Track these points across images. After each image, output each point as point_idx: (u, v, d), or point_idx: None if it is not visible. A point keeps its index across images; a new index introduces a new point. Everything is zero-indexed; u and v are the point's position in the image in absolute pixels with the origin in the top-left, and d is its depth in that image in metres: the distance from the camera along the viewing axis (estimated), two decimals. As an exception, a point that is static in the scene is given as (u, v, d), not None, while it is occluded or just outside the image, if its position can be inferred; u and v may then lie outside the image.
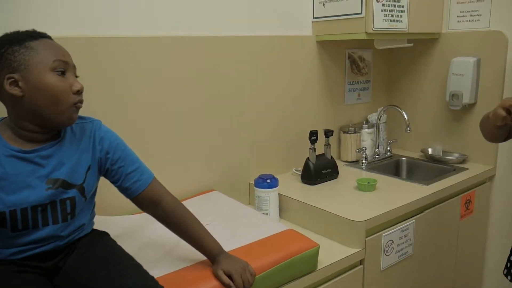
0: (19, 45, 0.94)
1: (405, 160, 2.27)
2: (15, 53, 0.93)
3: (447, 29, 2.17)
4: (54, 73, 0.95)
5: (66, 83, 0.97)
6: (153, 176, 1.15)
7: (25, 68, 0.93)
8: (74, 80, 0.99)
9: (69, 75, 0.99)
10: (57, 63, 0.96)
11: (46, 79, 0.94)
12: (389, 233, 1.59)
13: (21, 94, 0.94)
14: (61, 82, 0.96)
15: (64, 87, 0.96)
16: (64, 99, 0.97)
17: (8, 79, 0.93)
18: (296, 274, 1.31)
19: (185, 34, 1.64)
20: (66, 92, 0.97)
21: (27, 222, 0.97)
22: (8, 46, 0.94)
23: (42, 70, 0.94)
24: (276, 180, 1.71)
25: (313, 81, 2.09)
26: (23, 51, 0.94)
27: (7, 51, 0.93)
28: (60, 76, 0.96)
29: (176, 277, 1.13)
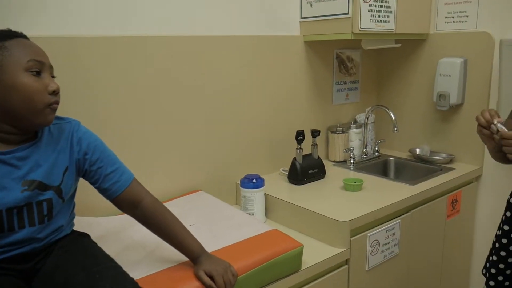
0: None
1: (393, 160, 2.27)
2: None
3: (434, 30, 2.18)
4: (28, 73, 0.94)
5: (41, 84, 0.96)
6: (133, 177, 1.14)
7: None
8: (49, 80, 0.98)
9: (44, 75, 0.97)
10: (32, 63, 0.94)
11: (20, 79, 0.93)
12: (374, 233, 1.59)
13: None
14: (36, 83, 0.95)
15: (38, 87, 0.95)
16: (39, 100, 0.95)
17: None
18: (280, 274, 1.30)
19: (170, 34, 1.63)
20: (41, 93, 0.95)
21: (2, 224, 0.96)
22: None
23: (16, 70, 0.92)
24: (262, 180, 1.70)
25: (301, 81, 2.09)
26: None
27: None
28: (34, 76, 0.95)
29: (156, 279, 1.12)
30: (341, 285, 1.53)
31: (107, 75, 1.49)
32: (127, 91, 1.55)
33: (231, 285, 1.13)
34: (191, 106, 1.72)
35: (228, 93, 1.82)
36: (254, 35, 1.87)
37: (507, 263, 1.47)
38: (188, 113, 1.72)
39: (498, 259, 1.48)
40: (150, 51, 1.58)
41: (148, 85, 1.59)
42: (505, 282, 1.49)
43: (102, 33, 1.48)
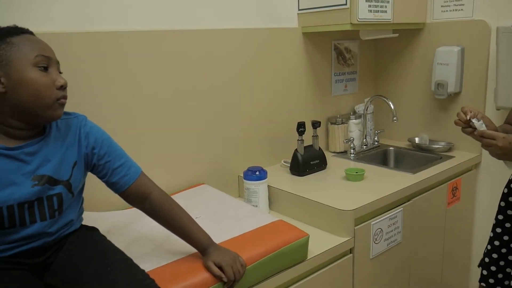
0: (0, 41, 0.93)
1: (393, 150, 2.29)
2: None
3: (431, 19, 2.19)
4: (36, 69, 0.94)
5: (49, 79, 0.96)
6: (141, 171, 1.15)
7: (6, 64, 0.92)
8: (57, 76, 0.98)
9: (52, 70, 0.97)
10: (39, 59, 0.95)
11: (28, 75, 0.93)
12: (377, 222, 1.61)
13: (3, 90, 0.93)
14: (44, 78, 0.95)
15: (46, 82, 0.95)
16: (47, 95, 0.95)
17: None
18: (286, 264, 1.32)
19: (169, 28, 1.63)
20: (49, 87, 0.96)
21: (14, 219, 0.96)
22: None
23: (24, 65, 0.93)
24: (265, 172, 1.71)
25: (300, 73, 2.10)
26: (4, 46, 0.92)
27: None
28: (42, 72, 0.95)
29: (166, 270, 1.13)
30: (346, 273, 1.55)
31: (108, 70, 1.49)
32: (128, 86, 1.55)
33: (240, 275, 1.14)
34: (191, 100, 1.72)
35: (228, 86, 1.82)
36: (252, 27, 1.87)
37: (501, 253, 1.49)
38: (189, 107, 1.72)
39: (492, 248, 1.51)
40: (149, 46, 1.57)
41: (149, 79, 1.60)
42: (499, 274, 1.51)
43: (100, 28, 1.48)
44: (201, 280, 1.11)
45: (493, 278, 1.52)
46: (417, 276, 1.89)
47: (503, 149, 1.25)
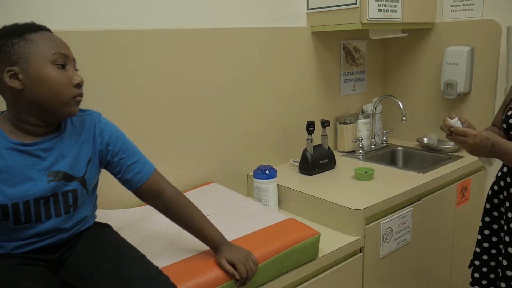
0: (19, 37, 0.93)
1: (401, 150, 2.29)
2: (14, 45, 0.92)
3: (440, 19, 2.18)
4: (54, 66, 0.95)
5: (66, 76, 0.97)
6: (154, 168, 1.15)
7: (24, 61, 0.93)
8: (74, 73, 0.99)
9: (69, 68, 0.98)
10: (57, 56, 0.95)
11: (46, 72, 0.94)
12: (387, 221, 1.60)
13: (21, 87, 0.93)
14: (61, 75, 0.96)
15: (64, 80, 0.96)
16: (64, 92, 0.96)
17: (8, 72, 0.92)
18: (297, 262, 1.32)
19: (179, 26, 1.64)
20: (66, 85, 0.96)
21: (30, 215, 0.97)
22: (7, 38, 0.93)
23: (42, 63, 0.93)
24: (274, 171, 1.71)
25: (309, 72, 2.10)
26: (23, 43, 0.93)
27: (6, 44, 0.93)
28: (60, 69, 0.96)
29: (179, 267, 1.14)
30: (356, 272, 1.54)
31: (115, 69, 1.50)
32: (135, 85, 1.55)
33: (253, 272, 1.14)
34: (200, 99, 1.72)
35: (237, 85, 1.83)
36: (261, 27, 1.88)
37: (491, 254, 1.49)
38: (198, 106, 1.72)
39: (482, 250, 1.51)
40: (157, 45, 1.58)
41: (156, 79, 1.60)
42: (490, 274, 1.50)
43: (115, 27, 1.49)
44: (213, 277, 1.12)
45: (486, 279, 1.51)
46: (426, 276, 1.89)
47: (474, 146, 1.26)
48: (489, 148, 1.24)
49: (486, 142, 1.24)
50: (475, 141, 1.25)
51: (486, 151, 1.26)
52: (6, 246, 0.98)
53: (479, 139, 1.25)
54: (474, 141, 1.25)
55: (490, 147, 1.24)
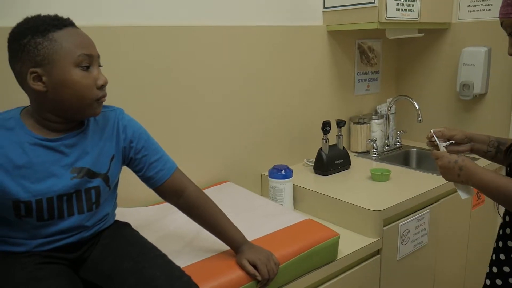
0: (42, 36, 0.89)
1: (415, 151, 2.26)
2: (38, 46, 0.88)
3: (457, 19, 2.16)
4: (78, 69, 0.92)
5: (90, 79, 0.94)
6: (176, 166, 1.13)
7: (48, 63, 0.89)
8: (98, 74, 0.96)
9: (93, 68, 0.95)
10: (82, 58, 0.92)
11: (70, 76, 0.91)
12: (405, 223, 1.58)
13: (44, 89, 0.90)
14: (86, 79, 0.93)
15: (88, 83, 0.93)
16: (88, 95, 0.94)
17: (31, 73, 0.89)
18: (317, 263, 1.30)
19: (196, 23, 1.62)
20: (90, 88, 0.94)
21: (53, 211, 0.95)
22: (31, 37, 0.89)
23: (66, 66, 0.90)
24: (290, 170, 1.70)
25: (323, 72, 2.08)
26: (47, 44, 0.89)
27: (29, 43, 0.89)
28: (84, 72, 0.93)
29: (200, 267, 1.12)
30: (373, 274, 1.53)
31: (134, 67, 1.48)
32: (151, 83, 1.54)
33: (274, 273, 1.13)
34: (214, 98, 1.71)
35: (251, 84, 1.81)
36: (277, 25, 1.86)
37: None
38: (212, 105, 1.70)
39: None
40: (176, 42, 1.56)
41: (174, 76, 1.58)
42: None
43: (133, 23, 1.47)
44: (235, 278, 1.10)
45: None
46: (441, 279, 1.86)
47: (442, 169, 1.15)
48: (457, 172, 1.11)
49: (453, 165, 1.11)
50: (443, 163, 1.14)
51: (455, 175, 1.13)
52: (28, 244, 0.96)
53: (446, 160, 1.13)
54: (442, 163, 1.14)
55: (458, 171, 1.11)
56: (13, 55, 0.91)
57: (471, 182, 1.10)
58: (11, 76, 0.94)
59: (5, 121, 0.93)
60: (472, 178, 1.09)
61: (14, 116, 0.95)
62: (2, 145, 0.91)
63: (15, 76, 0.93)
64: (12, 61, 0.92)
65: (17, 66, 0.91)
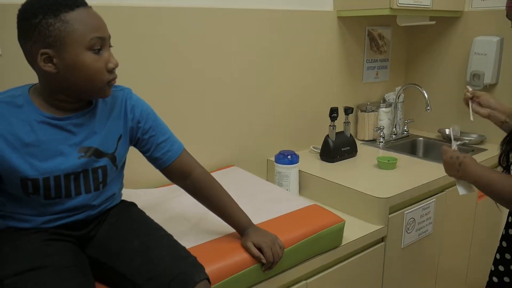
0: (54, 17, 0.86)
1: (422, 140, 2.25)
2: (49, 27, 0.86)
3: (470, 7, 2.13)
4: (89, 52, 0.90)
5: (102, 62, 0.92)
6: (183, 147, 1.13)
7: (60, 44, 0.87)
8: (109, 56, 0.94)
9: (104, 51, 0.93)
10: (94, 41, 0.90)
11: (82, 59, 0.89)
12: (411, 211, 1.58)
13: (54, 71, 0.89)
14: (97, 62, 0.91)
15: (99, 66, 0.92)
16: (98, 78, 0.93)
17: (42, 54, 0.88)
18: (321, 249, 1.30)
19: (204, 5, 1.60)
20: (101, 72, 0.92)
21: (60, 190, 0.95)
22: (42, 16, 0.86)
23: (78, 48, 0.89)
24: (297, 156, 1.69)
25: (332, 58, 2.06)
26: (59, 25, 0.86)
27: (41, 23, 0.86)
28: (96, 55, 0.91)
29: (205, 249, 1.12)
30: (377, 261, 1.53)
31: (141, 48, 1.47)
32: (160, 65, 1.53)
33: (279, 257, 1.13)
34: (222, 82, 1.69)
35: (259, 69, 1.79)
36: (287, 9, 1.83)
37: None
38: (219, 89, 1.69)
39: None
40: (183, 24, 1.55)
41: (182, 60, 1.57)
42: None
43: (143, 3, 1.45)
44: (240, 260, 1.10)
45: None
46: (444, 268, 1.87)
47: (445, 164, 1.20)
48: (457, 167, 1.16)
49: (454, 161, 1.17)
50: (446, 158, 1.19)
51: (454, 170, 1.18)
52: (36, 221, 0.96)
53: (449, 156, 1.19)
54: (445, 158, 1.19)
55: (457, 166, 1.16)
56: (23, 34, 0.89)
57: (467, 176, 1.16)
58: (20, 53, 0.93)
59: (14, 98, 0.93)
60: (467, 172, 1.14)
61: (23, 93, 0.95)
62: (11, 122, 0.91)
63: (24, 54, 0.92)
64: (22, 39, 0.90)
65: (27, 45, 0.90)
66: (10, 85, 1.00)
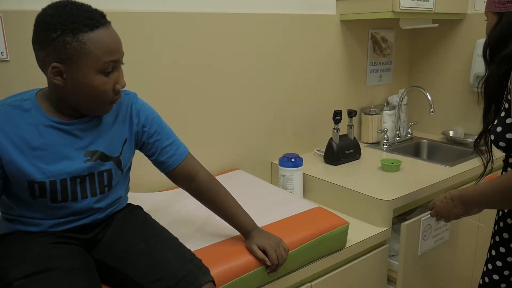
0: (73, 35, 0.86)
1: (426, 142, 2.25)
2: (66, 45, 0.86)
3: (472, 10, 2.13)
4: (100, 75, 0.91)
5: (110, 84, 0.93)
6: (188, 151, 1.15)
7: (73, 63, 0.88)
8: (118, 77, 0.95)
9: (114, 72, 0.94)
10: (106, 65, 0.91)
11: (91, 80, 0.90)
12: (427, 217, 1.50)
13: (62, 84, 0.91)
14: (105, 85, 0.92)
15: (107, 88, 0.93)
16: (102, 98, 0.94)
17: (53, 68, 0.89)
18: (326, 251, 1.31)
19: (207, 10, 1.61)
20: (107, 93, 0.94)
21: (67, 193, 0.97)
22: (60, 33, 0.86)
23: (89, 70, 0.89)
24: (301, 159, 1.70)
25: (336, 61, 2.07)
26: (75, 45, 0.87)
27: (58, 39, 0.86)
28: (105, 77, 0.92)
29: (210, 251, 1.13)
30: (382, 263, 1.53)
31: (145, 52, 1.49)
32: (164, 69, 1.54)
33: (283, 259, 1.14)
34: (225, 86, 1.71)
35: (262, 72, 1.81)
36: (290, 13, 1.85)
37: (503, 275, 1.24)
38: (223, 92, 1.71)
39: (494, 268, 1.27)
40: (185, 28, 1.56)
41: (185, 64, 1.58)
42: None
43: (145, 9, 1.47)
44: (244, 263, 1.11)
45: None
46: (449, 271, 1.86)
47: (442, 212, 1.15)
48: (452, 204, 1.12)
49: (446, 201, 1.14)
50: (438, 205, 1.16)
51: (452, 208, 1.13)
52: (43, 224, 0.98)
53: (438, 201, 1.17)
54: (439, 208, 1.16)
55: (451, 203, 1.12)
56: (38, 42, 0.90)
57: (467, 203, 1.10)
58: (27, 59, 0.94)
59: (22, 102, 0.95)
60: (464, 199, 1.10)
61: (31, 97, 0.97)
62: (19, 125, 0.93)
63: (36, 59, 0.93)
64: (36, 46, 0.91)
65: (40, 53, 0.90)
66: (17, 90, 1.02)
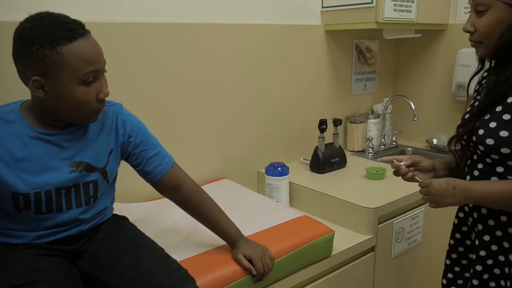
0: (51, 48, 0.86)
1: (411, 150, 2.29)
2: (45, 58, 0.86)
3: (454, 20, 2.18)
4: (81, 86, 0.91)
5: (92, 94, 0.93)
6: (174, 161, 1.15)
7: (53, 75, 0.88)
8: (100, 86, 0.95)
9: (97, 81, 0.94)
10: (87, 76, 0.91)
11: (72, 92, 0.90)
12: (400, 221, 1.60)
13: (45, 97, 0.91)
14: (87, 95, 0.92)
15: (89, 98, 0.93)
16: (86, 108, 0.94)
17: (34, 81, 0.89)
18: (311, 259, 1.32)
19: (194, 21, 1.63)
20: (90, 102, 0.94)
21: (51, 205, 0.96)
22: (39, 46, 0.86)
23: (70, 82, 0.90)
24: (287, 168, 1.71)
25: (321, 71, 2.09)
26: (54, 57, 0.86)
27: (37, 53, 0.86)
28: (87, 87, 0.92)
29: (196, 262, 1.13)
30: (368, 271, 1.55)
31: (131, 63, 1.49)
32: (149, 80, 1.55)
33: (269, 268, 1.14)
34: (212, 95, 1.72)
35: (248, 82, 1.82)
36: (275, 23, 1.87)
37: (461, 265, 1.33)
38: (209, 101, 1.72)
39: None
40: (173, 39, 1.57)
41: (171, 74, 1.59)
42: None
43: (134, 20, 1.48)
44: (230, 272, 1.12)
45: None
46: (435, 277, 1.88)
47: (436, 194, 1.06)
48: (452, 192, 1.04)
49: (445, 187, 1.05)
50: (435, 188, 1.06)
51: (450, 197, 1.05)
52: (28, 236, 0.97)
53: (437, 184, 1.06)
54: (434, 188, 1.06)
55: (452, 191, 1.04)
56: (17, 56, 0.90)
57: (471, 198, 1.04)
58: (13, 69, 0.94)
59: (6, 114, 0.95)
60: (470, 193, 1.04)
61: (15, 109, 0.96)
62: (3, 137, 0.92)
63: (18, 72, 0.93)
64: (16, 60, 0.91)
65: (21, 67, 0.90)
66: (5, 100, 1.02)
